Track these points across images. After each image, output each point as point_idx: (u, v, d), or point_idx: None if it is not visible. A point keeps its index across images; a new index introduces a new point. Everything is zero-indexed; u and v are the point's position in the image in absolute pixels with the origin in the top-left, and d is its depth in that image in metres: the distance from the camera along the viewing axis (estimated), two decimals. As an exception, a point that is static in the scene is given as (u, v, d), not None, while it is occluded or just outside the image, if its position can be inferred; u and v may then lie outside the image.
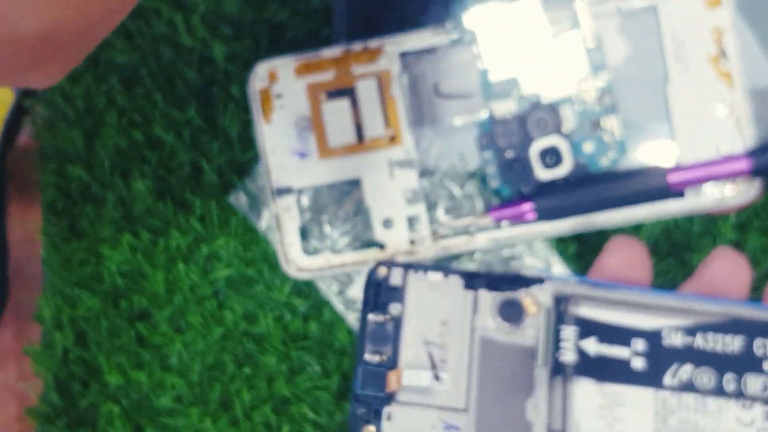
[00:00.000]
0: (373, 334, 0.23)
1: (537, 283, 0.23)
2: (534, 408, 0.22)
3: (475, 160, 0.34)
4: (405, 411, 0.22)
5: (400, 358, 0.23)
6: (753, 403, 0.22)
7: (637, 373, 0.22)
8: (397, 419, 0.22)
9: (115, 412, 0.38)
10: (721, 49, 0.33)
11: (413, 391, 0.22)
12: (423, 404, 0.22)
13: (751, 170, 0.32)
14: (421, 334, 0.23)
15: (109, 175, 0.38)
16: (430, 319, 0.23)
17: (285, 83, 0.35)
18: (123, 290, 0.38)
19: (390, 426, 0.22)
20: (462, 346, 0.23)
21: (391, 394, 0.22)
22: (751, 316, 0.23)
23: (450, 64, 0.34)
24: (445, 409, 0.22)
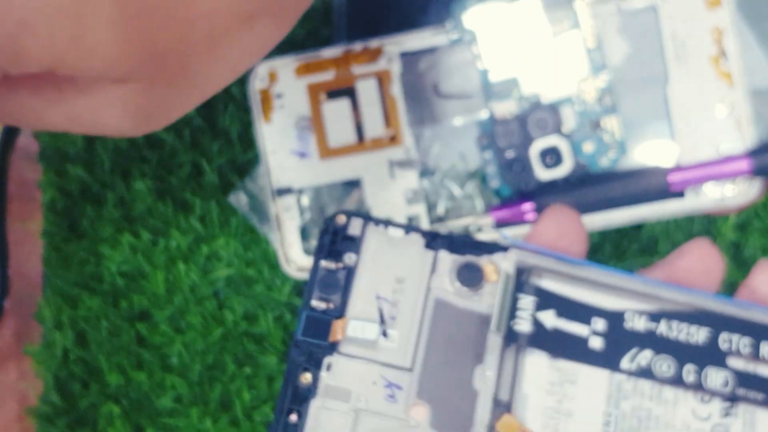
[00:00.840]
0: (323, 281, 0.22)
1: (500, 251, 0.22)
2: (482, 376, 0.21)
3: (475, 160, 0.34)
4: (346, 363, 0.21)
5: (348, 309, 0.22)
6: (712, 397, 0.21)
7: (593, 353, 0.21)
8: (337, 370, 0.21)
9: (115, 412, 0.38)
10: (721, 49, 0.33)
11: (358, 343, 0.21)
12: (366, 358, 0.21)
13: (751, 170, 0.32)
14: (373, 287, 0.22)
15: (109, 175, 0.38)
16: (385, 274, 0.22)
17: (285, 83, 0.35)
18: (123, 290, 0.38)
19: (329, 376, 0.21)
20: (415, 305, 0.22)
21: (334, 343, 0.21)
22: (720, 310, 0.22)
23: (450, 64, 0.34)
24: (389, 366, 0.21)
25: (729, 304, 0.22)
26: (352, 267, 0.22)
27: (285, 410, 0.21)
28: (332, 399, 0.21)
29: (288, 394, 0.21)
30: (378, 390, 0.21)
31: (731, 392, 0.21)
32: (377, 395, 0.21)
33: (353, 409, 0.21)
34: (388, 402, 0.21)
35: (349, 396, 0.21)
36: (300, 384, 0.21)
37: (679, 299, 0.22)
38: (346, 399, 0.21)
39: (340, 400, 0.21)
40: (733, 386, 0.21)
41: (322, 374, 0.21)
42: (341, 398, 0.21)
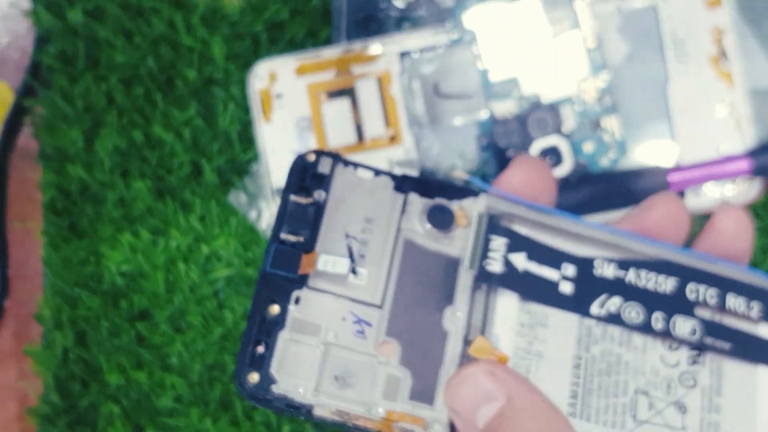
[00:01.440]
0: (292, 215, 0.22)
1: (471, 196, 0.22)
2: (452, 316, 0.21)
3: (475, 160, 0.34)
4: (315, 297, 0.21)
5: (318, 244, 0.21)
6: (680, 345, 0.21)
7: (564, 297, 0.22)
8: (305, 304, 0.21)
9: (115, 412, 0.38)
10: (721, 49, 0.33)
11: (327, 278, 0.21)
12: (335, 293, 0.21)
13: (751, 170, 0.32)
14: (342, 225, 0.22)
15: (109, 175, 0.38)
16: (354, 213, 0.22)
17: (285, 83, 0.35)
18: (123, 290, 0.38)
19: (297, 310, 0.21)
20: (384, 244, 0.22)
21: (304, 277, 0.21)
22: (688, 263, 0.22)
23: (450, 64, 0.34)
24: (359, 302, 0.21)
25: (695, 257, 0.22)
26: (321, 203, 0.22)
27: (252, 339, 0.20)
28: (301, 333, 0.20)
29: (255, 324, 0.20)
30: (347, 325, 0.21)
31: (699, 341, 0.21)
32: (346, 330, 0.21)
33: (322, 342, 0.20)
34: (358, 338, 0.21)
35: (317, 330, 0.20)
36: (268, 315, 0.20)
37: (647, 251, 0.22)
38: (315, 333, 0.20)
39: (308, 334, 0.20)
40: (701, 335, 0.21)
41: (291, 307, 0.21)
42: (310, 332, 0.20)
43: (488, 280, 0.21)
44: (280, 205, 0.22)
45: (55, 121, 0.39)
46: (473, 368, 0.20)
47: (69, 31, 0.39)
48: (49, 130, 0.39)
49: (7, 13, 0.42)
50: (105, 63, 0.39)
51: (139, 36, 0.38)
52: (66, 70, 0.39)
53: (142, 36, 0.38)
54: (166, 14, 0.38)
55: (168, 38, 0.38)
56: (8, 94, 0.41)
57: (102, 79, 0.39)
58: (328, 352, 0.20)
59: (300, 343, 0.20)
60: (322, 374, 0.20)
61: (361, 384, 0.20)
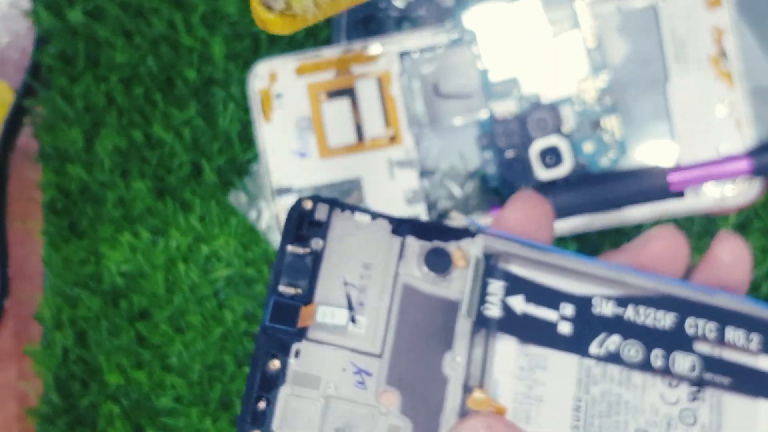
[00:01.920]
0: (290, 266, 0.21)
1: (467, 237, 0.22)
2: (452, 362, 0.21)
3: (475, 160, 0.34)
4: (315, 349, 0.21)
5: (316, 294, 0.21)
6: (679, 382, 0.21)
7: (563, 338, 0.21)
8: (305, 357, 0.21)
9: (115, 412, 0.38)
10: (721, 49, 0.33)
11: (326, 329, 0.21)
12: (335, 344, 0.21)
13: (751, 170, 0.32)
14: (340, 273, 0.22)
15: (109, 175, 0.38)
16: (352, 259, 0.22)
17: (285, 83, 0.35)
18: (123, 290, 0.38)
19: (297, 363, 0.20)
20: (383, 291, 0.21)
21: (303, 329, 0.21)
22: (686, 296, 0.22)
23: (450, 64, 0.34)
24: (359, 352, 0.21)
25: (694, 290, 0.22)
26: (318, 252, 0.22)
27: (254, 398, 0.20)
28: (301, 386, 0.20)
29: (256, 381, 0.20)
30: (347, 376, 0.21)
31: (698, 376, 0.21)
32: (347, 382, 0.21)
33: (323, 395, 0.20)
34: (358, 389, 0.21)
35: (318, 383, 0.20)
36: (268, 371, 0.20)
37: (645, 285, 0.22)
38: (315, 386, 0.20)
39: (309, 387, 0.20)
40: (700, 371, 0.21)
41: (291, 361, 0.20)
42: (310, 385, 0.20)
43: (487, 325, 0.21)
44: (278, 256, 0.22)
45: (55, 121, 0.39)
46: (472, 422, 0.20)
47: (69, 31, 0.39)
48: (49, 130, 0.39)
49: (7, 13, 0.42)
50: (105, 63, 0.39)
51: (139, 36, 0.38)
52: (66, 70, 0.39)
53: (142, 36, 0.38)
54: (166, 14, 0.38)
55: (168, 38, 0.38)
56: (8, 94, 0.41)
57: (102, 79, 0.39)
58: (329, 405, 0.20)
59: (301, 398, 0.20)
60: (323, 429, 0.20)
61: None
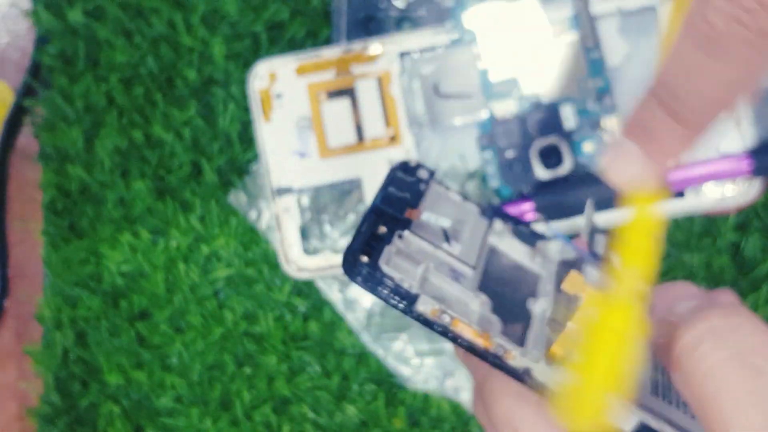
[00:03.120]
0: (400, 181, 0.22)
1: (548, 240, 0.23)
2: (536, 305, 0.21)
3: (475, 160, 0.34)
4: (417, 240, 0.21)
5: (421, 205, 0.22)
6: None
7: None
8: (408, 242, 0.21)
9: (115, 412, 0.38)
10: (721, 49, 0.33)
11: (429, 231, 0.22)
12: (435, 244, 0.21)
13: (751, 170, 0.32)
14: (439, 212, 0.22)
15: (109, 175, 0.38)
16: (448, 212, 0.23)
17: (285, 83, 0.35)
18: (123, 290, 0.38)
19: (400, 243, 0.21)
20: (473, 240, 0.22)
21: (408, 220, 0.21)
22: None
23: (450, 64, 0.34)
24: (455, 258, 0.21)
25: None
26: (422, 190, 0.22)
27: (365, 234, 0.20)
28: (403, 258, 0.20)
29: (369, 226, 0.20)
30: (444, 269, 0.21)
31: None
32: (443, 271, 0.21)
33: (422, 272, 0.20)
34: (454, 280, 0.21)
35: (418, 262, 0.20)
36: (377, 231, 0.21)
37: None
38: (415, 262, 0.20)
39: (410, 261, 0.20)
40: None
41: (395, 239, 0.21)
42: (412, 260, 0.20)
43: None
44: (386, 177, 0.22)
45: (55, 121, 0.39)
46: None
47: (69, 31, 0.39)
48: (49, 130, 0.39)
49: (7, 13, 0.42)
50: (105, 63, 0.39)
51: (139, 36, 0.38)
52: (66, 70, 0.39)
53: (142, 36, 0.38)
54: (166, 14, 0.38)
55: (168, 38, 0.38)
56: (8, 94, 0.41)
57: (102, 79, 0.39)
58: (427, 279, 0.20)
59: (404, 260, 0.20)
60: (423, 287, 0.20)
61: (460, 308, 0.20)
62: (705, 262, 0.36)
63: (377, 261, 0.20)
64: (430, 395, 0.37)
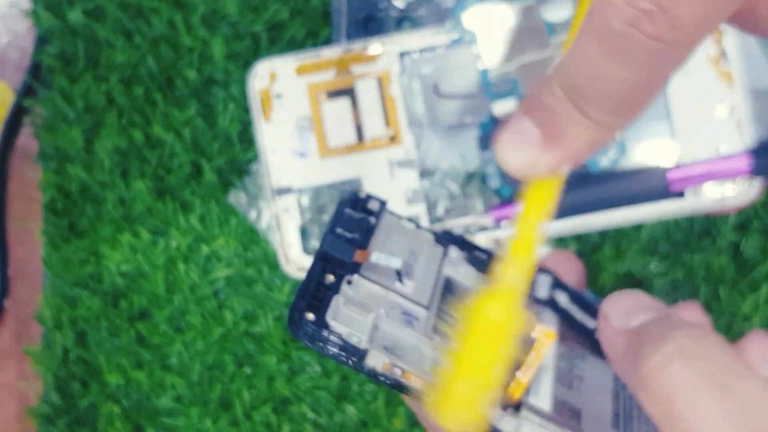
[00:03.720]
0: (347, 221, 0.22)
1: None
2: None
3: (475, 160, 0.34)
4: (367, 284, 0.21)
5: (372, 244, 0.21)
6: None
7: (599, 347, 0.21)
8: (357, 288, 0.21)
9: (115, 412, 0.38)
10: (721, 49, 0.33)
11: (379, 272, 0.21)
12: (386, 287, 0.21)
13: (751, 170, 0.32)
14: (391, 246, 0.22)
15: (109, 175, 0.38)
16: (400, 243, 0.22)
17: (285, 83, 0.35)
18: (123, 290, 0.38)
19: (350, 289, 0.20)
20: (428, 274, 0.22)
21: (357, 264, 0.21)
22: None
23: (450, 64, 0.34)
24: (408, 299, 0.21)
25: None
26: (372, 225, 0.22)
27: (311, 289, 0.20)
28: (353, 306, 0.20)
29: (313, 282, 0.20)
30: (396, 313, 0.20)
31: None
32: (396, 315, 0.20)
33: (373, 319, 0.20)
34: (406, 325, 0.20)
35: (369, 309, 0.20)
36: (323, 280, 0.20)
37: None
38: (366, 310, 0.20)
39: (361, 309, 0.20)
40: None
41: (343, 286, 0.20)
42: (362, 308, 0.20)
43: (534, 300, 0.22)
44: (334, 213, 0.22)
45: (55, 121, 0.39)
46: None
47: (69, 31, 0.39)
48: (49, 130, 0.39)
49: (7, 13, 0.42)
50: (105, 63, 0.39)
51: (139, 36, 0.38)
52: (66, 70, 0.39)
53: (142, 36, 0.38)
54: (166, 14, 0.38)
55: (168, 38, 0.38)
56: (8, 94, 0.41)
57: (102, 79, 0.39)
58: (378, 328, 0.20)
59: (353, 313, 0.20)
60: (373, 339, 0.20)
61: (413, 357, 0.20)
62: (705, 262, 0.36)
63: (324, 316, 0.19)
64: (430, 395, 0.37)
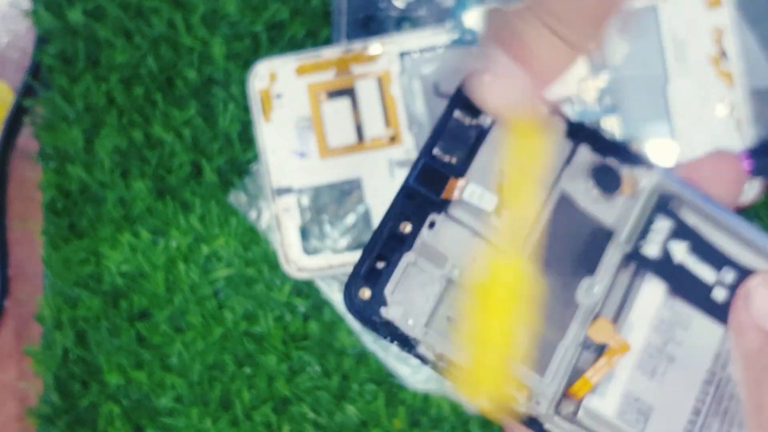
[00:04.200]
0: (452, 132, 0.20)
1: (644, 166, 0.20)
2: (589, 289, 0.19)
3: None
4: (451, 227, 0.19)
5: (471, 170, 0.19)
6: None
7: (715, 305, 0.19)
8: (439, 231, 0.19)
9: (115, 412, 0.38)
10: (721, 49, 0.33)
11: (469, 210, 0.19)
12: (473, 229, 0.19)
13: (751, 170, 0.32)
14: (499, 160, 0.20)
15: (109, 175, 0.38)
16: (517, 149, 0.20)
17: (285, 83, 0.35)
18: (123, 290, 0.38)
19: (429, 234, 0.19)
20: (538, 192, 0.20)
21: (446, 201, 0.19)
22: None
23: (450, 64, 0.34)
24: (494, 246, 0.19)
25: None
26: (485, 128, 0.20)
27: (374, 252, 0.19)
28: (426, 259, 0.19)
29: (382, 237, 0.19)
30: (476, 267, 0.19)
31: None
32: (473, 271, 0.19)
33: (446, 276, 0.19)
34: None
35: (444, 262, 0.19)
36: (397, 231, 0.19)
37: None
38: (440, 264, 0.19)
39: (434, 263, 0.19)
40: None
41: (423, 231, 0.19)
42: (436, 262, 0.19)
43: (640, 261, 0.20)
44: (440, 118, 0.20)
45: (55, 121, 0.39)
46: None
47: (69, 31, 0.39)
48: (49, 130, 0.39)
49: (7, 13, 0.42)
50: (105, 63, 0.39)
51: (139, 36, 0.38)
52: (66, 70, 0.39)
53: (142, 36, 0.38)
54: (166, 14, 0.38)
55: (168, 38, 0.38)
56: (8, 94, 0.41)
57: (102, 79, 0.39)
58: (448, 290, 0.19)
59: (423, 271, 0.19)
60: (436, 310, 0.18)
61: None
62: (705, 262, 0.36)
63: (382, 290, 0.18)
64: (430, 395, 0.37)
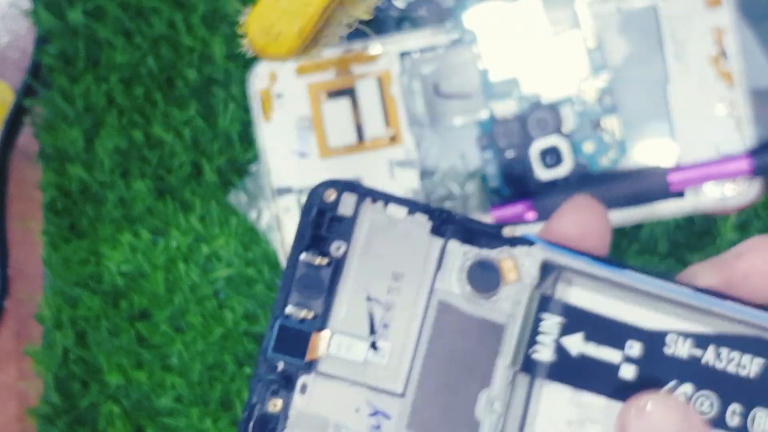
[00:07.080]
0: (303, 281, 0.18)
1: (523, 245, 0.18)
2: (488, 404, 0.18)
3: (475, 160, 0.34)
4: (325, 384, 0.18)
5: (332, 318, 0.18)
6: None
7: (624, 384, 0.18)
8: (313, 394, 0.18)
9: (116, 412, 0.38)
10: (721, 49, 0.33)
11: (340, 362, 0.18)
12: (349, 380, 0.18)
13: (751, 170, 0.32)
14: (364, 287, 0.18)
15: (109, 175, 0.38)
16: (380, 268, 0.18)
17: (285, 83, 0.35)
18: (123, 290, 0.38)
19: (302, 401, 0.17)
20: (413, 310, 0.18)
21: (312, 362, 0.18)
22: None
23: (450, 64, 0.34)
24: (377, 390, 0.18)
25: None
26: (339, 260, 0.18)
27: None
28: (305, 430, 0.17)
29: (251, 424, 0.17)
30: (361, 420, 0.18)
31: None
32: (360, 426, 0.18)
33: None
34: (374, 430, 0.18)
35: (325, 426, 0.17)
36: (267, 411, 0.17)
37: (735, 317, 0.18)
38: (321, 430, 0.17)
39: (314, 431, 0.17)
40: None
41: (295, 398, 0.18)
42: (316, 429, 0.17)
43: (533, 369, 0.18)
44: (287, 266, 0.18)
45: (55, 121, 0.39)
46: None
47: (69, 31, 0.39)
48: (49, 130, 0.39)
49: (7, 13, 0.42)
50: (105, 63, 0.39)
51: (139, 36, 0.38)
52: (66, 70, 0.39)
53: (142, 36, 0.38)
54: (166, 14, 0.38)
55: (168, 38, 0.38)
56: (8, 94, 0.41)
57: (102, 79, 0.39)
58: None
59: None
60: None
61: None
62: (705, 262, 0.36)
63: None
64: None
